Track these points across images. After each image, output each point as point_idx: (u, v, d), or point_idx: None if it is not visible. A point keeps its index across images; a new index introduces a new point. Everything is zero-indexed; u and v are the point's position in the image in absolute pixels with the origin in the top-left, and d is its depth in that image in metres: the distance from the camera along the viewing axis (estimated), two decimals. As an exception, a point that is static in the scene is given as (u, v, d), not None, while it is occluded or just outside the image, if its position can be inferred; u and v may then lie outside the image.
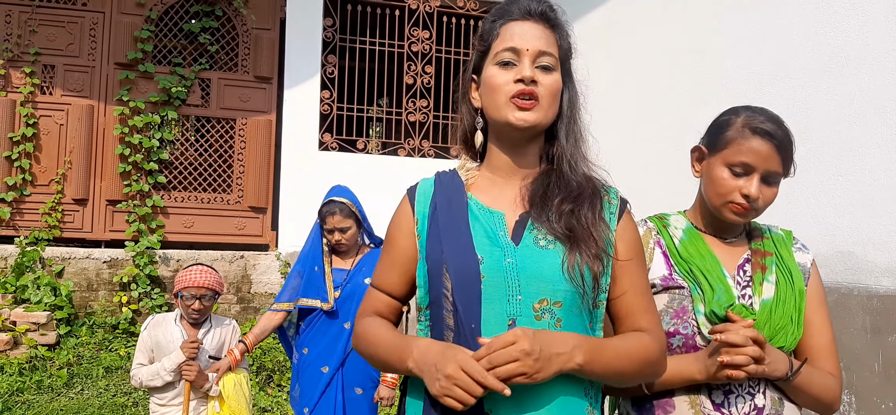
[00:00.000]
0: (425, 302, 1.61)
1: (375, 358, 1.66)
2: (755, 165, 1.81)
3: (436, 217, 1.63)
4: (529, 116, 1.57)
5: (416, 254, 1.65)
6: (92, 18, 7.53)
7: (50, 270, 7.04)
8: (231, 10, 7.89)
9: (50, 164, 7.40)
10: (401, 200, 1.75)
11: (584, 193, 1.62)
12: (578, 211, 1.58)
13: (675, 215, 2.05)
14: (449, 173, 1.74)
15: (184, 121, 8.45)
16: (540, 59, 1.59)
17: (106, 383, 6.26)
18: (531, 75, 1.56)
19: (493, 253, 1.55)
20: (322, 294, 3.91)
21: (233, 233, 7.89)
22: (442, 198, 1.66)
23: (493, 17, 1.67)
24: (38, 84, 7.35)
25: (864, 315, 3.82)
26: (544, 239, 1.57)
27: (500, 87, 1.59)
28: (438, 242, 1.59)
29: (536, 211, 1.61)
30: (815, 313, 1.91)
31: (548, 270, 1.53)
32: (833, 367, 1.89)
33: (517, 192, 1.66)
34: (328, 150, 8.18)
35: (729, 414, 1.79)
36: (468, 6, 8.59)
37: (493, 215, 1.62)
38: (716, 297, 1.81)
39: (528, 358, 1.39)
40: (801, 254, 1.99)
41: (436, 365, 1.44)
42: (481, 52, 1.67)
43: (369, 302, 1.75)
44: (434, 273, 1.58)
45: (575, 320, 1.55)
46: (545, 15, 1.63)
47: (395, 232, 1.72)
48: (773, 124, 1.82)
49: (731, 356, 1.68)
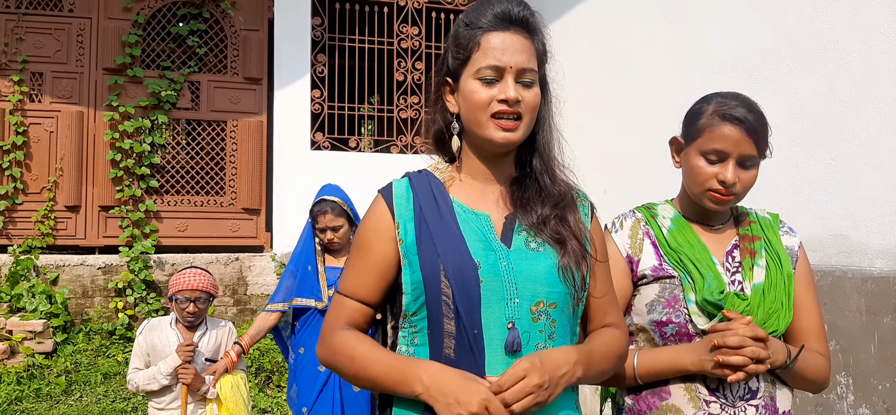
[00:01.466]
0: (412, 309, 1.57)
1: (361, 379, 1.57)
2: (728, 151, 1.83)
3: (423, 220, 1.59)
4: (513, 136, 1.57)
5: (395, 259, 1.60)
6: (79, 24, 7.49)
7: (44, 278, 7.02)
8: (219, 12, 7.86)
9: (41, 171, 7.37)
10: (373, 202, 1.68)
11: (565, 199, 1.65)
12: (563, 216, 1.62)
13: (662, 205, 2.06)
14: (422, 174, 1.70)
15: (174, 124, 8.42)
16: (522, 76, 1.57)
17: (105, 389, 6.25)
18: (516, 96, 1.54)
19: (489, 257, 1.54)
20: (316, 293, 3.90)
21: (227, 235, 7.87)
22: (427, 200, 1.62)
23: (467, 22, 1.62)
24: (26, 92, 7.31)
25: (859, 297, 3.83)
26: (534, 242, 1.59)
27: (483, 104, 1.57)
28: (433, 248, 1.55)
29: (521, 214, 1.62)
30: (804, 294, 1.94)
31: (542, 273, 1.55)
32: (822, 347, 1.93)
33: (498, 194, 1.66)
34: (320, 149, 8.17)
35: (724, 398, 1.81)
36: (457, 2, 8.58)
37: (480, 217, 1.62)
38: (706, 284, 1.83)
39: (541, 390, 1.44)
40: (789, 237, 2.01)
41: (457, 399, 1.41)
42: (459, 60, 1.62)
43: (340, 311, 1.65)
44: (431, 280, 1.54)
45: (566, 321, 1.59)
46: (525, 21, 1.60)
47: (370, 236, 1.64)
48: (743, 109, 1.84)
49: (726, 357, 1.71)
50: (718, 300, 1.81)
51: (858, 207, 3.89)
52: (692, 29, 5.30)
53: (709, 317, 1.83)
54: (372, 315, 1.67)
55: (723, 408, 1.81)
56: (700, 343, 1.80)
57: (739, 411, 1.81)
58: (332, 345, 1.61)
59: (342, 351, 1.59)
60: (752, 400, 1.82)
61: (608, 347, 1.64)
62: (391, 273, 1.62)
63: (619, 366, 1.71)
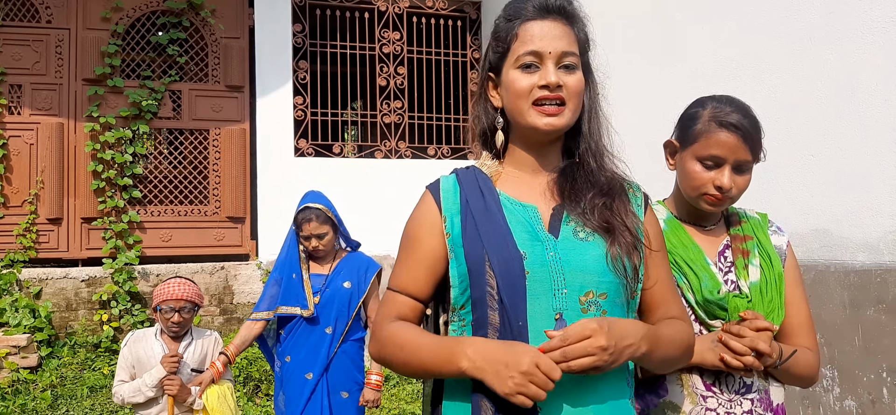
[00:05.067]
0: (460, 302, 1.56)
1: (411, 364, 1.56)
2: (725, 157, 1.85)
3: (469, 213, 1.58)
4: (557, 120, 1.56)
5: (443, 253, 1.59)
6: (57, 35, 7.43)
7: (27, 292, 6.95)
8: (198, 21, 7.82)
9: (22, 184, 7.29)
10: (421, 198, 1.67)
11: (614, 187, 1.62)
12: (612, 205, 1.59)
13: (654, 205, 2.07)
14: (470, 170, 1.69)
15: (156, 134, 8.36)
16: (563, 60, 1.56)
17: (91, 403, 6.20)
18: (556, 80, 1.54)
19: (535, 247, 1.53)
20: (302, 301, 3.89)
21: (212, 244, 7.82)
22: (473, 193, 1.61)
23: (508, 16, 1.62)
24: (5, 104, 7.23)
25: (842, 291, 3.87)
26: (582, 231, 1.57)
27: (524, 91, 1.56)
28: (478, 239, 1.54)
29: (569, 204, 1.60)
30: (793, 291, 1.96)
31: (591, 263, 1.53)
32: (811, 342, 1.94)
33: (545, 185, 1.65)
34: (304, 155, 8.15)
35: (719, 392, 1.83)
36: (437, 6, 8.59)
37: (527, 209, 1.60)
38: (703, 285, 1.85)
39: (604, 353, 1.38)
40: (777, 236, 2.03)
41: (506, 363, 1.38)
42: (499, 52, 1.63)
43: (391, 306, 1.64)
44: (476, 271, 1.53)
45: (618, 313, 1.55)
46: (563, 9, 1.60)
47: (418, 231, 1.63)
48: (738, 115, 1.85)
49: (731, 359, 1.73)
50: (719, 300, 1.83)
51: (839, 201, 3.92)
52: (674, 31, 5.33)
53: (708, 316, 1.85)
54: (422, 311, 1.66)
55: (719, 402, 1.83)
56: (701, 339, 1.82)
57: (735, 405, 1.83)
58: (381, 338, 1.61)
59: (391, 341, 1.58)
60: (748, 394, 1.84)
61: (676, 334, 1.59)
62: (440, 267, 1.60)
63: (686, 358, 1.65)
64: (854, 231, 3.84)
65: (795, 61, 4.19)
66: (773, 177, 4.25)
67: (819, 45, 4.04)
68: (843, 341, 3.84)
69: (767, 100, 4.28)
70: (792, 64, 4.22)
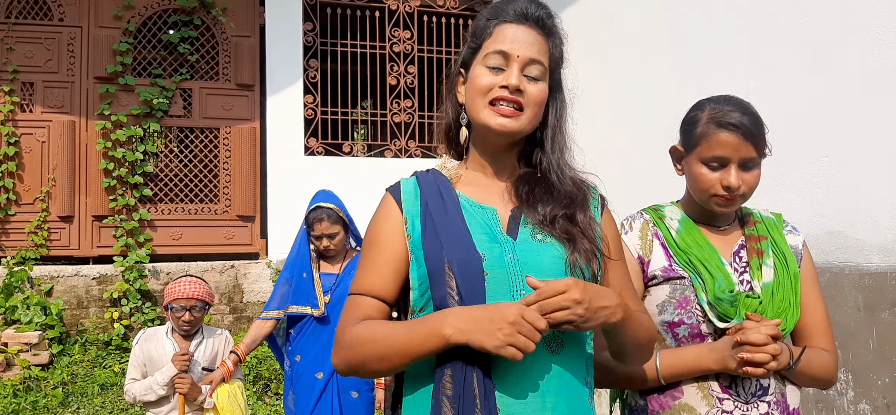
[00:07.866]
0: (420, 304, 1.55)
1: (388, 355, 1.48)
2: (729, 157, 1.84)
3: (429, 215, 1.58)
4: (510, 123, 1.56)
5: (406, 254, 1.58)
6: (69, 33, 7.45)
7: (39, 290, 6.98)
8: (210, 19, 7.83)
9: (33, 182, 7.33)
10: (382, 200, 1.67)
11: (577, 199, 1.63)
12: (574, 216, 1.60)
13: (668, 206, 2.08)
14: (429, 172, 1.70)
15: (167, 132, 8.38)
16: (529, 67, 1.56)
17: (102, 401, 6.22)
18: (517, 84, 1.54)
19: (494, 249, 1.53)
20: (312, 300, 3.88)
21: (222, 243, 7.84)
22: (432, 195, 1.62)
23: (488, 15, 1.63)
24: (17, 102, 7.27)
25: (856, 293, 3.83)
26: (540, 233, 1.58)
27: (484, 89, 1.57)
28: (437, 241, 1.54)
29: (527, 209, 1.61)
30: (809, 292, 1.95)
31: (548, 264, 1.53)
32: (828, 343, 1.93)
33: (503, 188, 1.66)
34: (314, 154, 8.15)
35: (737, 396, 1.82)
36: (448, 5, 8.57)
37: (486, 211, 1.61)
38: (717, 284, 1.84)
39: (578, 306, 1.40)
40: (793, 236, 2.02)
41: (491, 319, 1.38)
42: (472, 48, 1.64)
43: (355, 310, 1.59)
44: (436, 273, 1.52)
45: None
46: (541, 20, 1.60)
47: (381, 232, 1.62)
48: (737, 113, 1.84)
49: (751, 354, 1.71)
50: (730, 300, 1.81)
51: (854, 203, 3.89)
52: (686, 30, 5.30)
53: (718, 318, 1.83)
54: (388, 312, 1.61)
55: (736, 405, 1.82)
56: (721, 343, 1.81)
57: (752, 407, 1.82)
58: (348, 341, 1.54)
59: (359, 342, 1.52)
60: (765, 397, 1.83)
61: (643, 322, 1.62)
62: (403, 269, 1.59)
63: (649, 351, 1.68)
64: (869, 233, 3.81)
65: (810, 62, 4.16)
66: (788, 179, 4.22)
67: (834, 45, 4.01)
68: (857, 344, 3.80)
69: (781, 101, 4.25)
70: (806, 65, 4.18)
